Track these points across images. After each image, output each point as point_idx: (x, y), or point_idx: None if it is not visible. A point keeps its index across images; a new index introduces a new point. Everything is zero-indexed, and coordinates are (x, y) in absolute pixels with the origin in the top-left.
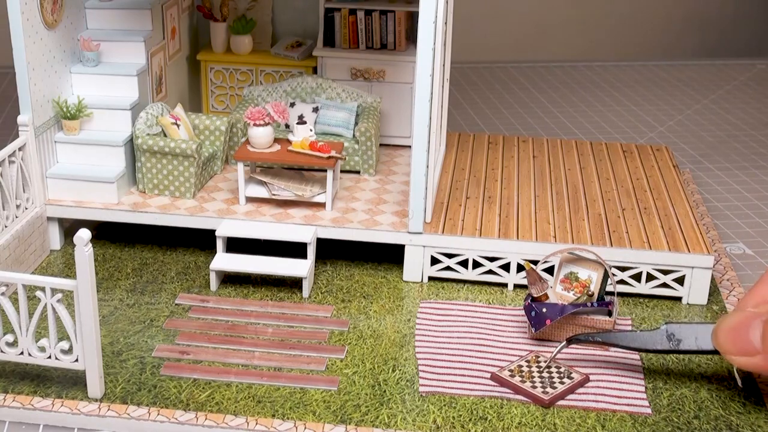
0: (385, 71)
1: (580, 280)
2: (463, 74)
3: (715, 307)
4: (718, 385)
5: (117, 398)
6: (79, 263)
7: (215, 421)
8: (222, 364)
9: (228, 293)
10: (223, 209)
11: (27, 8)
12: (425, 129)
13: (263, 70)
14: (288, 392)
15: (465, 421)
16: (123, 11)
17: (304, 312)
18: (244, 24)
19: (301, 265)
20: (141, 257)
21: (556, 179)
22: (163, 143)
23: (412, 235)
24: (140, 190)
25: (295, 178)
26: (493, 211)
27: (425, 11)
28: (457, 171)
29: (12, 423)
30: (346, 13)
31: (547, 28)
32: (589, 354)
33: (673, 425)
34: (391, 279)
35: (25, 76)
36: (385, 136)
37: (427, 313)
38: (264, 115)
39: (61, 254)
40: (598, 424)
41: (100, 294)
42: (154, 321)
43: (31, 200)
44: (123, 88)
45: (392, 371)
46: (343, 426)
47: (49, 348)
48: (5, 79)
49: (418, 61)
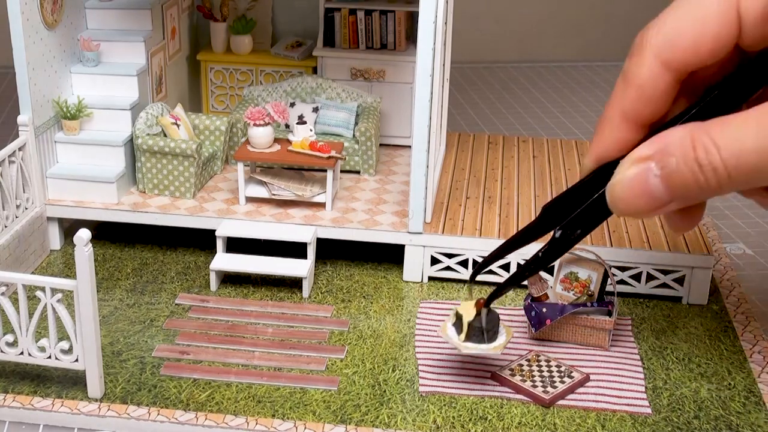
0: (385, 71)
1: (580, 280)
2: (463, 74)
3: (715, 307)
4: (718, 385)
5: (117, 398)
6: (79, 263)
7: (215, 421)
8: (222, 364)
9: (228, 293)
10: (223, 209)
11: (27, 8)
12: (425, 129)
13: (263, 70)
14: (288, 392)
15: (465, 421)
16: (123, 11)
17: (304, 312)
18: (244, 24)
19: (301, 265)
20: (141, 257)
21: (556, 179)
22: (163, 143)
23: (412, 235)
24: (140, 190)
25: (295, 178)
26: (493, 211)
27: (425, 11)
28: (457, 171)
29: (12, 423)
30: (346, 13)
31: (547, 28)
32: (590, 354)
33: (673, 425)
34: (391, 279)
35: (25, 76)
36: (385, 136)
37: (427, 313)
38: (264, 115)
39: (61, 254)
40: (598, 424)
41: (100, 294)
42: (154, 321)
43: (31, 200)
44: (123, 88)
45: (392, 371)
46: (343, 426)
47: (49, 348)
48: (5, 79)
49: (418, 61)
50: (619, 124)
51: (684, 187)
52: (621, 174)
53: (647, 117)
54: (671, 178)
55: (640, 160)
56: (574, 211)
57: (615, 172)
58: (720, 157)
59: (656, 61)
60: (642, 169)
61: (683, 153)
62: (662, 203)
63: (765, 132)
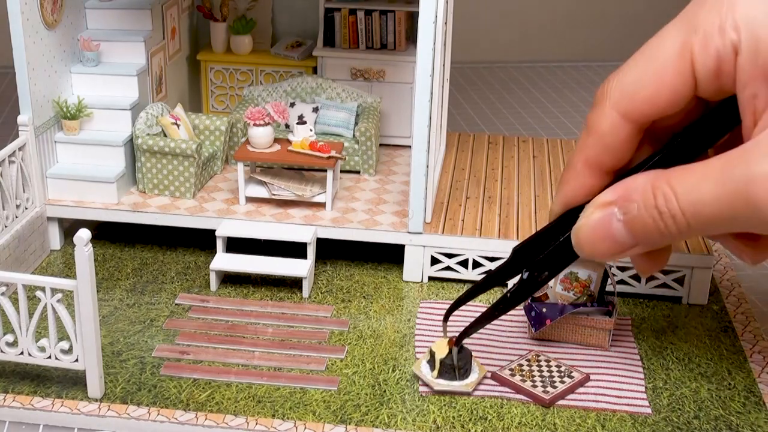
0: (385, 71)
1: (580, 280)
2: (463, 74)
3: (715, 307)
4: (718, 385)
5: (117, 398)
6: (79, 263)
7: (215, 421)
8: (222, 364)
9: (228, 293)
10: (223, 209)
11: (27, 8)
12: (425, 129)
13: (263, 70)
14: (288, 392)
15: (465, 421)
16: (123, 11)
17: (304, 312)
18: (244, 24)
19: (301, 265)
20: (141, 257)
21: (556, 179)
22: (163, 143)
23: (412, 235)
24: (140, 190)
25: (295, 178)
26: (493, 211)
27: (425, 11)
28: (457, 171)
29: (12, 423)
30: (346, 13)
31: (547, 28)
32: (590, 354)
33: (673, 425)
34: (391, 279)
35: (25, 76)
36: (385, 136)
37: (427, 313)
38: (264, 115)
39: (61, 254)
40: (598, 424)
41: (100, 294)
42: (154, 321)
43: (31, 200)
44: (123, 88)
45: (392, 371)
46: (343, 426)
47: (49, 348)
48: (5, 79)
49: (418, 61)
50: (583, 172)
51: (646, 232)
52: (585, 218)
53: (609, 165)
54: (633, 224)
55: (604, 205)
56: (542, 253)
57: (580, 216)
58: (678, 204)
59: (616, 113)
60: (605, 214)
61: (644, 199)
62: (626, 247)
63: (722, 182)
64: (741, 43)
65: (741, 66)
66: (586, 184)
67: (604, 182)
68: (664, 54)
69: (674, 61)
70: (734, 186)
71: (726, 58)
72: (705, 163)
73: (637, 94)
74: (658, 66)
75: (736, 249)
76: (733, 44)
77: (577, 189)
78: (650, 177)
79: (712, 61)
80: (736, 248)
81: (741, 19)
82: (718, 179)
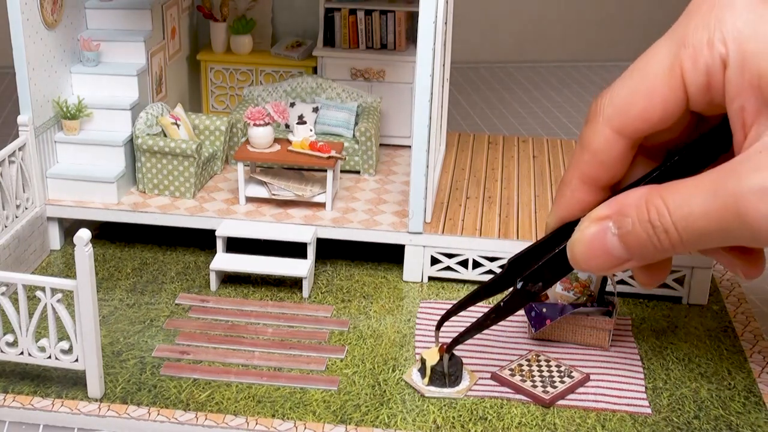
0: (385, 71)
1: (580, 280)
2: (463, 74)
3: (715, 307)
4: (718, 385)
5: (117, 398)
6: (79, 263)
7: (215, 421)
8: (222, 364)
9: (228, 293)
10: (223, 209)
11: (27, 8)
12: (425, 129)
13: (263, 70)
14: (288, 392)
15: (465, 421)
16: (123, 11)
17: (304, 312)
18: (244, 24)
19: (301, 265)
20: (141, 257)
21: (556, 179)
22: (163, 143)
23: (412, 235)
24: (140, 190)
25: (295, 178)
26: (493, 211)
27: (425, 11)
28: (457, 171)
29: (12, 423)
30: (346, 13)
31: (547, 28)
32: (590, 354)
33: (673, 425)
34: (391, 279)
35: (25, 76)
36: (385, 136)
37: (427, 313)
38: (264, 115)
39: (61, 254)
40: (598, 424)
41: (100, 294)
42: (154, 321)
43: (31, 200)
44: (123, 88)
45: (392, 371)
46: (343, 426)
47: (49, 348)
48: (5, 79)
49: (418, 61)
50: (578, 187)
51: (640, 246)
52: (581, 232)
53: (604, 180)
54: (627, 238)
55: (599, 219)
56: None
57: (575, 230)
58: (671, 218)
59: (609, 129)
60: (600, 228)
61: (638, 214)
62: (621, 261)
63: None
64: (729, 57)
65: (729, 79)
66: (582, 199)
67: (599, 198)
68: (655, 69)
69: (665, 76)
70: (724, 200)
71: (715, 71)
72: (697, 178)
73: (630, 110)
74: (649, 82)
75: (729, 263)
76: (722, 58)
77: (573, 204)
78: (644, 192)
79: (701, 75)
80: (729, 263)
81: (728, 33)
82: (709, 193)
